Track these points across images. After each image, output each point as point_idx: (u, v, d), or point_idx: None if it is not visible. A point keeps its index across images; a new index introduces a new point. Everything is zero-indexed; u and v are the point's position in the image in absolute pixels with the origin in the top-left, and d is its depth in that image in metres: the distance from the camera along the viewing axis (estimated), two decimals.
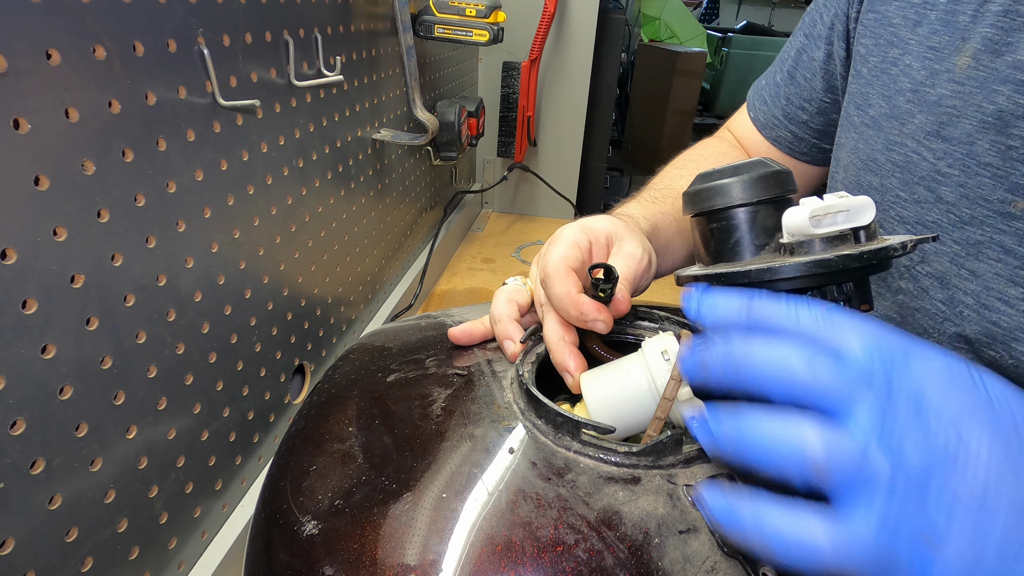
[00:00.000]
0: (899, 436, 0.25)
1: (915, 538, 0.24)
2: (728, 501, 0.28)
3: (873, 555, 0.25)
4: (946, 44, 0.45)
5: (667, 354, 0.37)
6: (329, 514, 0.36)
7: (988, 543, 0.24)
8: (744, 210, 0.35)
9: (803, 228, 0.32)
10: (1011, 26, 0.41)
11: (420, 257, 1.09)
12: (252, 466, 0.60)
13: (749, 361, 0.28)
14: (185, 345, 0.48)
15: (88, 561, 0.41)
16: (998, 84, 0.41)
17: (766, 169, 0.35)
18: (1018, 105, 0.40)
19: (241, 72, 0.51)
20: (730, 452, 0.28)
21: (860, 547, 0.25)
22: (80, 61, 0.36)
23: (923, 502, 0.24)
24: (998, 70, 0.41)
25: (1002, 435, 0.25)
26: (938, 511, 0.24)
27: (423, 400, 0.41)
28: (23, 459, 0.35)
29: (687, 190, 0.37)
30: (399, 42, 0.81)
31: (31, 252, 0.34)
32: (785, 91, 0.65)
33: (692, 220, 0.38)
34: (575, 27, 1.35)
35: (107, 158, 0.39)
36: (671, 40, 3.39)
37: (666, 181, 0.64)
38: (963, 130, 0.43)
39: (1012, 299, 0.41)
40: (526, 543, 0.32)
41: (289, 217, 0.62)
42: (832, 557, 0.25)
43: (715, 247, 0.36)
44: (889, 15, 0.50)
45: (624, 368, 0.38)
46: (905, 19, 0.48)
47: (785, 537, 0.26)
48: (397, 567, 0.32)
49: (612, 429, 0.36)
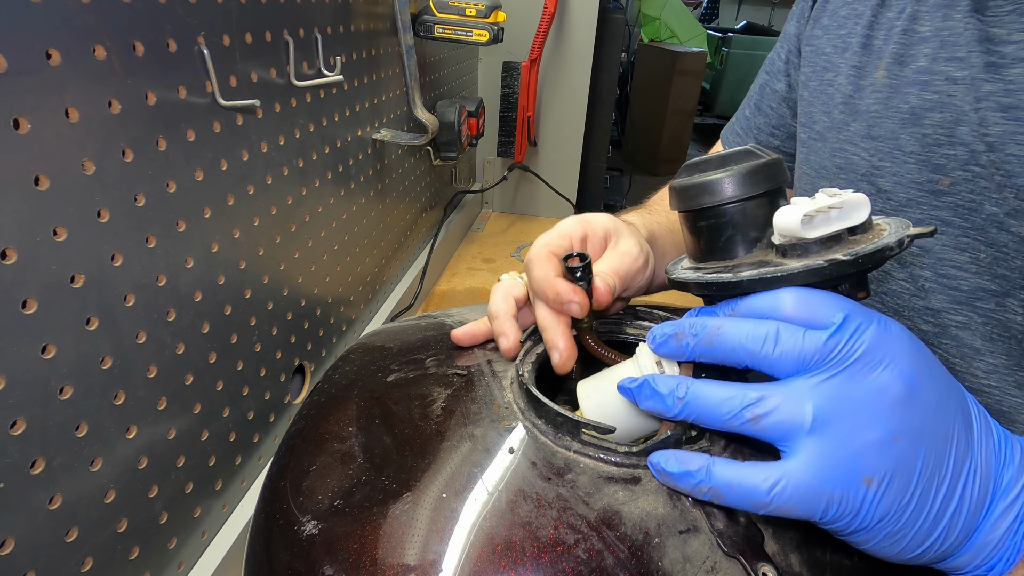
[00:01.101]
0: (833, 393, 0.29)
1: (847, 478, 0.28)
2: (680, 460, 0.33)
3: (804, 493, 0.28)
4: (867, 63, 0.54)
5: (661, 366, 0.36)
6: (329, 514, 0.35)
7: (909, 482, 0.28)
8: (734, 207, 0.34)
9: (794, 231, 0.31)
10: (910, 41, 0.51)
11: (420, 257, 1.09)
12: (252, 466, 0.60)
13: (720, 334, 0.31)
14: (185, 345, 0.48)
15: (88, 561, 0.41)
16: (908, 87, 0.50)
17: (756, 161, 0.34)
18: (924, 101, 0.48)
19: (241, 72, 0.51)
20: (681, 411, 0.32)
21: (792, 484, 0.29)
22: (80, 61, 0.36)
23: (856, 446, 0.28)
24: (906, 77, 0.50)
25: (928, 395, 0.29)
26: (867, 454, 0.28)
27: (423, 400, 0.41)
28: (23, 459, 0.35)
29: (674, 183, 0.36)
30: (399, 42, 0.81)
31: (31, 252, 0.34)
32: (755, 122, 0.73)
33: (680, 215, 0.37)
34: (575, 27, 1.35)
35: (107, 158, 0.39)
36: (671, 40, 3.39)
37: (659, 200, 0.71)
38: (888, 128, 0.51)
39: (963, 263, 0.47)
40: (526, 543, 0.31)
41: (289, 217, 0.62)
42: (768, 495, 0.29)
43: (705, 244, 0.35)
44: (822, 46, 0.60)
45: (619, 376, 0.38)
46: (835, 47, 0.59)
47: (731, 482, 0.30)
48: (397, 567, 0.32)
49: (612, 429, 0.36)
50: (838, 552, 0.34)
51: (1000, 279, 0.46)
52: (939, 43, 0.49)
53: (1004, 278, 0.45)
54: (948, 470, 0.29)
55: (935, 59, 0.48)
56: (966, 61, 0.46)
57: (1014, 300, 0.45)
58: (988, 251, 0.46)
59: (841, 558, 0.34)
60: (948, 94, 0.47)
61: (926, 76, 0.49)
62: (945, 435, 0.29)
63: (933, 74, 0.48)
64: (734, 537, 0.32)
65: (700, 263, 0.36)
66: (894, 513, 0.28)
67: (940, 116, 0.47)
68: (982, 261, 0.46)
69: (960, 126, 0.46)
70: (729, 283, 0.32)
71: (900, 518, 0.29)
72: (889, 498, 0.28)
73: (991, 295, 0.46)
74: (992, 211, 0.45)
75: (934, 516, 0.29)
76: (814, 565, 0.33)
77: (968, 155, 0.46)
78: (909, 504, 0.29)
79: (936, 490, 0.29)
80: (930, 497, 0.29)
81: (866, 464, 0.28)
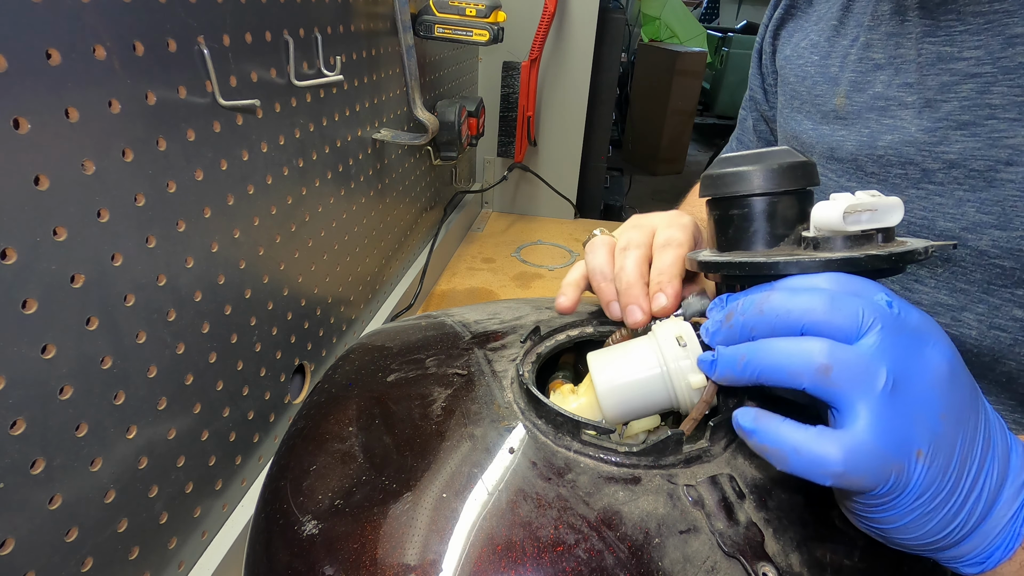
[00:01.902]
0: (901, 359, 0.28)
1: (906, 447, 0.27)
2: (755, 417, 0.30)
3: (876, 461, 0.27)
4: (826, 91, 0.58)
5: (682, 340, 0.35)
6: (329, 514, 0.35)
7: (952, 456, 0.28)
8: (766, 199, 0.34)
9: (834, 224, 0.31)
10: (865, 68, 0.54)
11: (420, 257, 1.08)
12: (252, 466, 0.60)
13: (771, 301, 0.30)
14: (185, 345, 0.48)
15: (88, 561, 0.41)
16: (867, 112, 0.53)
17: (792, 159, 0.34)
18: (883, 126, 0.51)
19: (241, 72, 0.51)
20: (744, 370, 0.31)
21: (866, 452, 0.27)
22: (80, 61, 0.36)
23: (916, 415, 0.28)
24: (864, 103, 0.53)
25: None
26: (922, 426, 0.28)
27: (423, 400, 0.41)
28: (23, 459, 0.35)
29: (707, 172, 0.36)
30: (399, 42, 0.81)
31: (31, 252, 0.34)
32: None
33: (709, 203, 0.36)
34: (575, 27, 1.34)
35: (107, 158, 0.39)
36: (671, 40, 3.39)
37: (691, 201, 0.79)
38: (848, 151, 0.55)
39: (922, 277, 0.50)
40: (526, 543, 0.31)
41: (289, 217, 0.62)
42: (842, 464, 0.27)
43: (733, 234, 0.35)
44: (788, 76, 0.65)
45: (635, 350, 0.37)
46: (797, 77, 0.63)
47: (799, 447, 0.28)
48: (397, 567, 0.32)
49: (612, 430, 0.36)
50: (838, 552, 0.34)
51: (958, 293, 0.47)
52: (893, 70, 0.51)
53: (962, 292, 0.47)
54: (977, 454, 0.29)
55: (889, 85, 0.51)
56: (918, 86, 0.49)
57: (970, 315, 0.46)
58: (945, 266, 0.48)
59: (841, 558, 0.34)
60: (900, 118, 0.50)
61: (882, 102, 0.52)
62: (976, 421, 0.29)
63: (888, 99, 0.51)
64: (734, 537, 0.32)
65: (723, 253, 0.36)
66: (933, 491, 0.28)
67: (891, 138, 0.50)
68: (940, 276, 0.48)
69: (907, 147, 0.49)
70: (763, 264, 0.32)
71: (936, 497, 0.28)
72: (932, 474, 0.28)
73: (948, 309, 0.48)
74: (946, 226, 0.47)
75: (962, 499, 0.29)
76: (814, 565, 0.33)
77: (920, 174, 0.49)
78: (945, 484, 0.28)
79: (967, 473, 0.29)
80: (963, 479, 0.29)
81: (920, 436, 0.28)
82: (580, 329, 0.46)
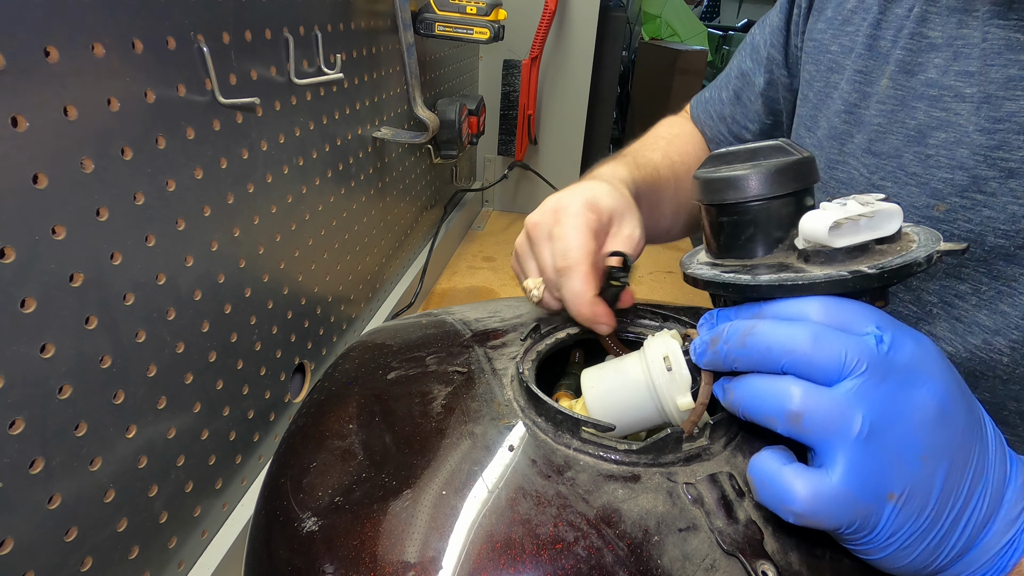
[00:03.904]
0: (881, 404, 0.27)
1: (876, 491, 0.27)
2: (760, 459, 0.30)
3: (839, 505, 0.27)
4: (872, 68, 0.49)
5: (668, 362, 0.35)
6: (329, 511, 0.35)
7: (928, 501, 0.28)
8: (759, 205, 0.32)
9: (820, 239, 0.30)
10: (918, 47, 0.46)
11: (420, 256, 1.08)
12: (252, 465, 0.60)
13: (754, 333, 0.30)
14: (185, 344, 0.48)
15: (88, 560, 0.40)
16: (915, 101, 0.46)
17: (787, 158, 0.32)
18: (932, 118, 0.44)
19: (241, 70, 0.51)
20: (730, 404, 0.31)
21: (829, 495, 0.27)
22: (79, 59, 0.36)
23: (890, 460, 0.27)
24: (914, 89, 0.46)
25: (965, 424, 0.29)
26: (896, 470, 0.27)
27: (423, 398, 0.41)
28: (22, 459, 0.35)
29: (699, 174, 0.35)
30: (399, 40, 0.81)
31: (30, 251, 0.34)
32: (731, 110, 0.69)
33: (703, 207, 0.35)
34: (576, 25, 1.34)
35: (106, 156, 0.39)
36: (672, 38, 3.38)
37: (643, 151, 0.67)
38: (891, 145, 0.47)
39: (964, 293, 0.45)
40: (526, 540, 0.31)
41: (289, 215, 0.62)
42: (802, 505, 0.27)
43: (725, 240, 0.34)
44: (826, 42, 0.55)
45: (625, 370, 0.38)
46: (841, 47, 0.53)
47: (767, 479, 0.29)
48: (397, 564, 0.32)
49: (612, 427, 0.36)
50: (837, 551, 0.33)
51: (998, 316, 0.43)
52: (952, 53, 0.43)
53: (1003, 315, 0.43)
54: (964, 490, 0.28)
55: (946, 71, 0.44)
56: (979, 76, 0.41)
57: (1002, 339, 0.43)
58: (992, 284, 0.43)
59: (840, 556, 0.33)
60: (955, 112, 0.43)
61: (935, 90, 0.44)
62: (967, 456, 0.28)
63: (943, 88, 0.44)
64: (733, 535, 0.32)
65: (717, 259, 0.35)
66: (907, 529, 0.28)
67: (944, 136, 0.43)
68: (984, 294, 0.44)
69: (961, 148, 0.42)
70: (747, 286, 0.31)
71: (912, 534, 0.28)
72: (905, 515, 0.28)
73: (983, 330, 0.44)
74: (998, 243, 0.42)
75: (943, 534, 0.28)
76: (813, 563, 0.33)
77: (968, 181, 0.42)
78: (924, 522, 0.28)
79: (950, 510, 0.28)
80: (943, 516, 0.28)
81: (895, 479, 0.27)
82: (580, 327, 0.46)
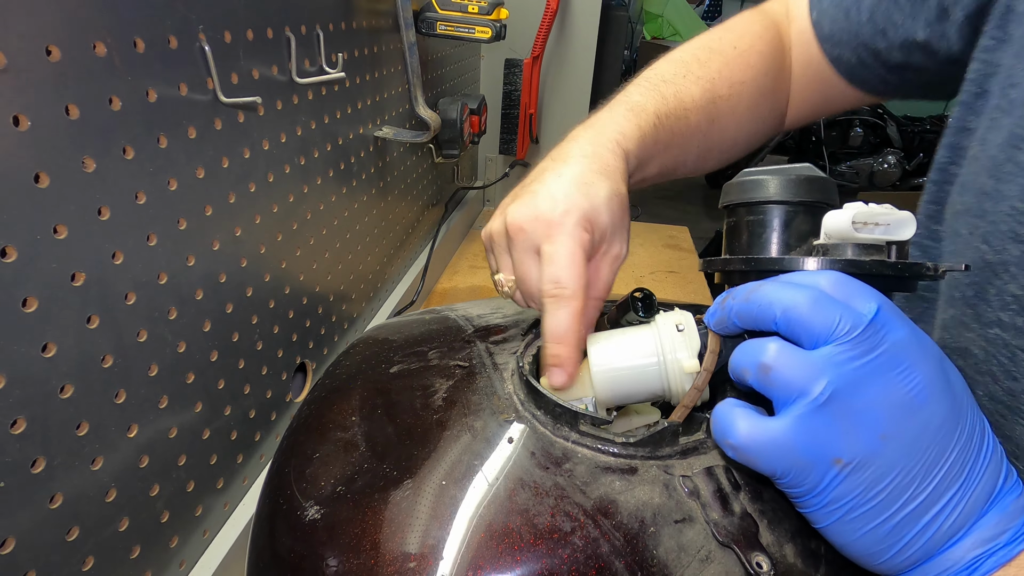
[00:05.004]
0: (853, 374, 0.28)
1: (820, 452, 0.28)
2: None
3: (773, 450, 0.28)
4: None
5: (681, 325, 0.37)
6: (332, 500, 0.36)
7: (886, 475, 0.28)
8: (780, 207, 0.36)
9: (843, 231, 0.32)
10: None
11: (422, 255, 1.08)
12: (254, 464, 0.60)
13: (758, 290, 0.31)
14: (186, 343, 0.48)
15: (89, 560, 0.40)
16: None
17: (811, 174, 0.36)
18: None
19: (242, 69, 0.51)
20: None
21: (766, 438, 0.29)
22: (80, 57, 0.36)
23: (843, 430, 0.28)
24: None
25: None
26: (848, 440, 0.28)
27: (425, 391, 0.41)
28: (24, 458, 0.35)
29: (729, 182, 0.38)
30: (401, 39, 0.81)
31: (31, 250, 0.34)
32: (870, 3, 0.51)
33: (725, 210, 0.38)
34: (577, 24, 1.34)
35: (108, 155, 0.39)
36: (673, 37, 3.38)
37: (683, 82, 0.53)
38: None
39: None
40: (524, 530, 0.32)
41: (291, 215, 0.62)
42: (738, 437, 0.29)
43: (747, 240, 0.37)
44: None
45: (634, 338, 0.38)
46: None
47: (719, 415, 0.31)
48: (398, 552, 0.32)
49: (609, 421, 0.37)
50: (831, 544, 0.34)
51: None
52: None
53: None
54: (928, 487, 0.28)
55: None
56: None
57: None
58: None
59: (834, 550, 0.34)
60: None
61: None
62: (939, 454, 0.28)
63: None
64: (729, 527, 0.33)
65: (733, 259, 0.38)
66: (851, 499, 0.28)
67: None
68: None
69: None
70: (767, 259, 0.34)
71: (858, 508, 0.28)
72: (851, 484, 0.28)
73: None
74: None
75: (898, 522, 0.28)
76: (808, 556, 0.33)
77: None
78: (872, 499, 0.28)
79: (908, 498, 0.28)
80: (898, 500, 0.28)
81: (843, 446, 0.28)
82: None
